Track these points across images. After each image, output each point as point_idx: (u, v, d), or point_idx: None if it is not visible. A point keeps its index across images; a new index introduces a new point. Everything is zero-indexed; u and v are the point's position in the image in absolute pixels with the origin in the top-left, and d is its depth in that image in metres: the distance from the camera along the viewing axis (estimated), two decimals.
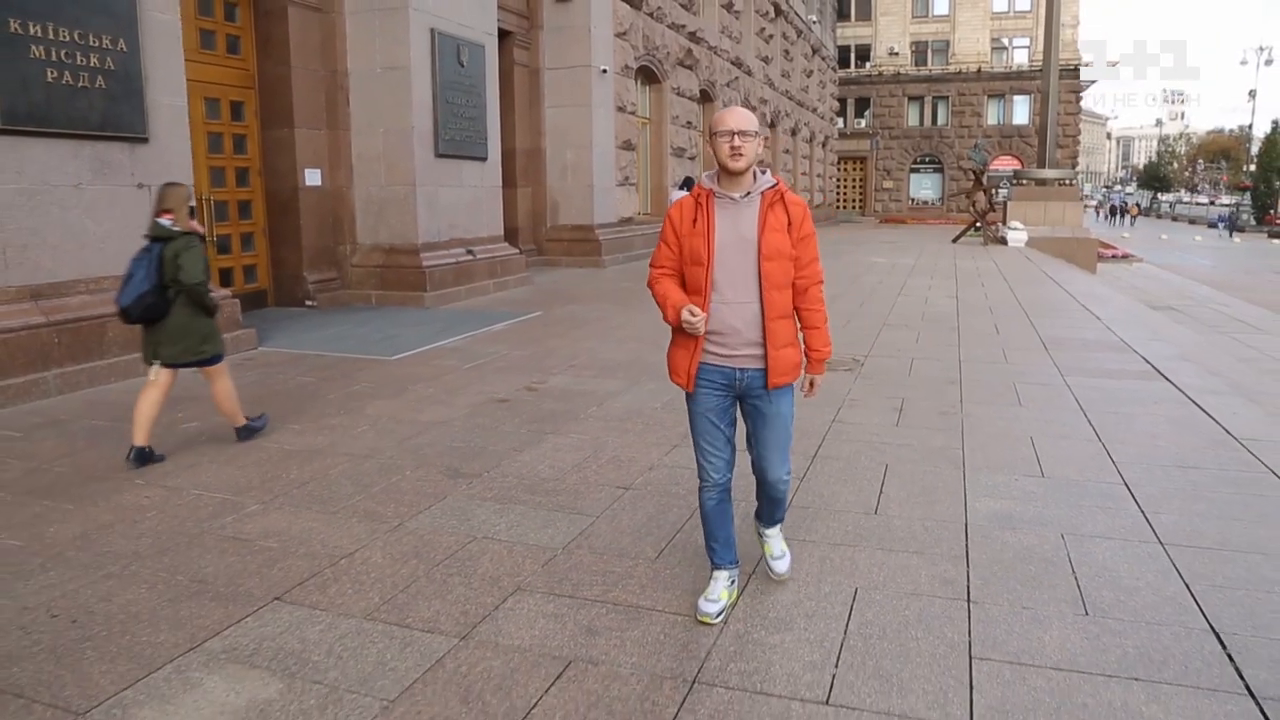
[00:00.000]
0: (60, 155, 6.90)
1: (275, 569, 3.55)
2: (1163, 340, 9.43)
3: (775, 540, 3.40)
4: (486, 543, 3.80)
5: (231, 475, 4.73)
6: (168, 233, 4.93)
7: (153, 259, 4.87)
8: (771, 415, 3.05)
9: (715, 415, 3.05)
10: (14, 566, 3.60)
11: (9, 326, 6.48)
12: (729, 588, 3.18)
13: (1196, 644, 2.93)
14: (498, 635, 3.01)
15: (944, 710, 2.56)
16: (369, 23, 11.22)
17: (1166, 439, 5.40)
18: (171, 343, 4.99)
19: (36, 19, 6.57)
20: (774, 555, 3.39)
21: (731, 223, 2.93)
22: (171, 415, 5.99)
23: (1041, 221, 26.05)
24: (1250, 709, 2.56)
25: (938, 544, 3.76)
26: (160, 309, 4.91)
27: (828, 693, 2.65)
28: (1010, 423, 5.78)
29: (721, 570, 3.18)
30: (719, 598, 3.12)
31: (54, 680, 2.76)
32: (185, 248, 4.88)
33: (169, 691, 2.69)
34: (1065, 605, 3.20)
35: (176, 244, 4.89)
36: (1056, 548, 3.71)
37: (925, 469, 4.78)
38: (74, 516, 4.15)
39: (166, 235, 4.92)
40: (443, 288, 11.68)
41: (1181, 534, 3.86)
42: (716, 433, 3.07)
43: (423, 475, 4.71)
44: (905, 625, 3.06)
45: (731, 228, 2.92)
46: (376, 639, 2.99)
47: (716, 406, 3.04)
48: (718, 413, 3.05)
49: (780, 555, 3.39)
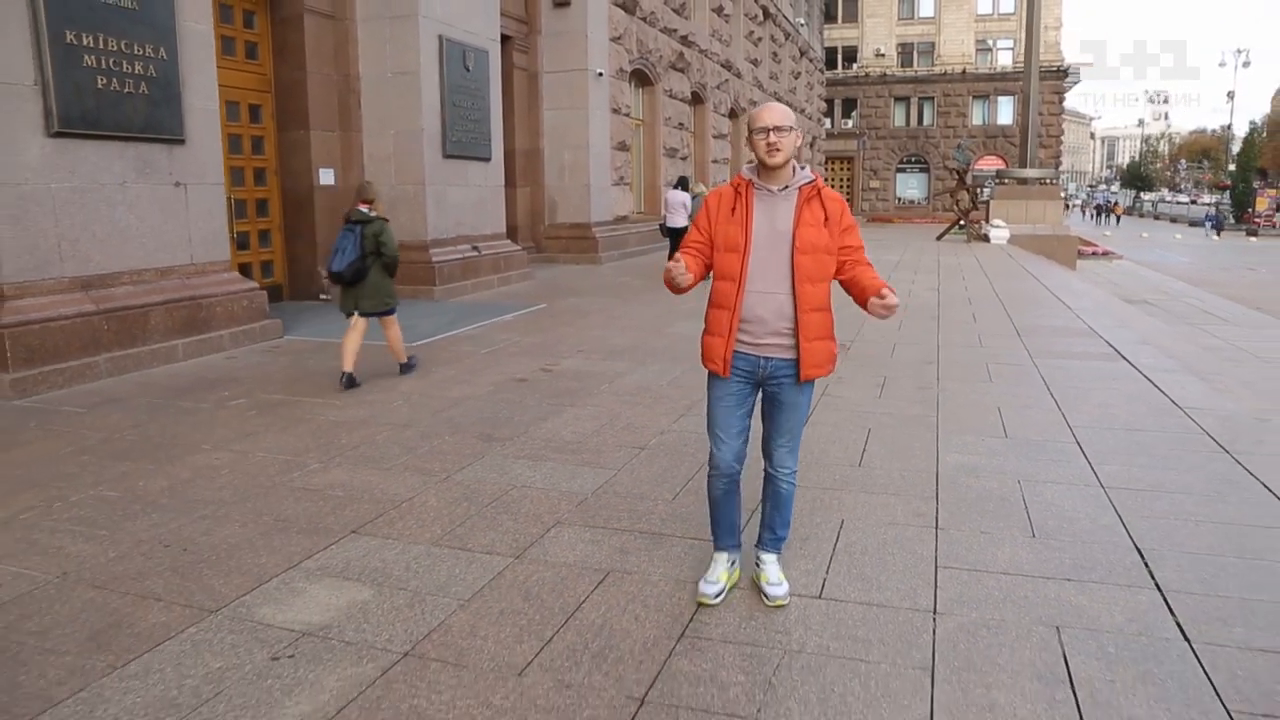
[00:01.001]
0: (108, 156, 7.46)
1: (346, 510, 4.15)
2: (1128, 328, 10.10)
3: (772, 567, 3.23)
4: (525, 490, 4.41)
5: (289, 441, 5.32)
6: (366, 217, 6.70)
7: (356, 237, 6.66)
8: (789, 404, 3.09)
9: (734, 401, 3.09)
10: (118, 511, 4.19)
11: (64, 314, 7.04)
12: (729, 569, 3.22)
13: (1121, 556, 3.56)
14: (545, 555, 3.62)
15: (913, 600, 3.18)
16: (380, 29, 11.80)
17: (1119, 408, 6.06)
18: (368, 298, 6.83)
19: (89, 30, 7.13)
20: (770, 582, 3.19)
21: (768, 215, 2.98)
22: (219, 394, 6.57)
23: (1023, 220, 26.81)
24: (1156, 599, 3.19)
25: (912, 488, 4.39)
26: (362, 273, 6.72)
27: (820, 589, 3.27)
28: (981, 396, 6.42)
29: (722, 552, 3.24)
30: (718, 579, 3.17)
31: (182, 589, 3.35)
32: (382, 229, 6.72)
33: (280, 596, 3.29)
34: (1017, 531, 3.83)
35: (374, 226, 6.69)
36: (1013, 490, 4.35)
37: (903, 432, 5.41)
38: (157, 474, 4.73)
39: (365, 219, 6.69)
40: (451, 282, 12.27)
41: (1121, 480, 4.50)
42: (733, 419, 3.10)
43: (459, 440, 5.31)
44: (883, 545, 3.68)
45: (767, 220, 2.98)
46: (445, 559, 3.60)
47: (737, 393, 3.08)
48: (738, 399, 3.09)
49: (777, 583, 3.19)
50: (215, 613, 3.16)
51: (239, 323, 8.59)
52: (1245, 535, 3.78)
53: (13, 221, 6.74)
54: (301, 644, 2.93)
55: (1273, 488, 4.38)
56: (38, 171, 6.90)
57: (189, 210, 8.24)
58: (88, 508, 4.23)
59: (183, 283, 8.16)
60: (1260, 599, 3.19)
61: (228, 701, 2.61)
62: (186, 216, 8.22)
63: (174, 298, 7.96)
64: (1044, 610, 3.11)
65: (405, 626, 3.04)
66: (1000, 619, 3.06)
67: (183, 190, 8.16)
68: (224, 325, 8.42)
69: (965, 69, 53.17)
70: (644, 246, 19.63)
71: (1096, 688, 2.64)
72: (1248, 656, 2.80)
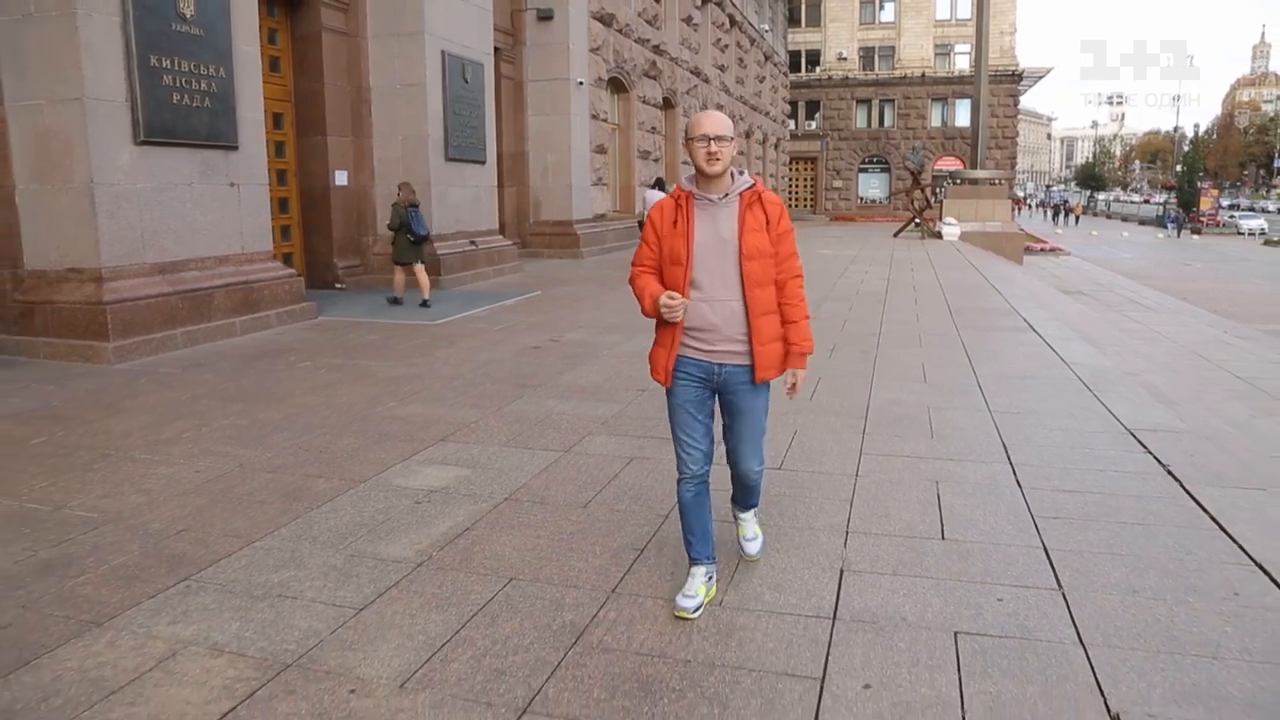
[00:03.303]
0: (179, 161, 8.78)
1: (430, 429, 5.56)
2: (1046, 310, 11.74)
3: (749, 523, 3.50)
4: (560, 415, 5.86)
5: (363, 390, 6.71)
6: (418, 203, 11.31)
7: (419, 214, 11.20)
8: (747, 409, 3.15)
9: (693, 407, 3.14)
10: (254, 432, 5.56)
11: (149, 294, 8.35)
12: (706, 584, 3.21)
13: (990, 447, 5.10)
14: (586, 449, 5.08)
15: (843, 470, 4.68)
16: (389, 46, 13.15)
17: (1018, 364, 7.63)
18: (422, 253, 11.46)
19: (167, 54, 8.45)
20: (746, 537, 3.51)
21: (711, 223, 3.02)
22: (286, 359, 7.94)
23: (974, 218, 28.62)
24: (1007, 469, 4.72)
25: (849, 412, 5.90)
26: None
27: (780, 464, 4.75)
28: (911, 357, 7.96)
29: (699, 566, 3.22)
30: (696, 593, 3.15)
31: (334, 472, 4.75)
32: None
33: (406, 474, 4.70)
34: (920, 435, 5.35)
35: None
36: (922, 413, 5.88)
37: (847, 380, 6.93)
38: (271, 410, 6.11)
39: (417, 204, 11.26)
40: (452, 273, 13.63)
41: (1004, 407, 6.05)
42: (695, 424, 3.15)
43: (499, 387, 6.74)
44: (824, 443, 5.18)
45: (711, 228, 3.02)
46: (514, 454, 5.03)
47: (695, 398, 3.13)
48: (696, 404, 3.14)
49: (753, 538, 3.50)
50: (364, 483, 4.57)
51: (282, 304, 9.92)
52: (1080, 436, 5.33)
53: (110, 216, 8.04)
54: (432, 496, 4.36)
55: (1113, 409, 5.95)
56: (127, 174, 8.21)
57: (241, 207, 9.56)
58: (229, 430, 5.60)
59: (236, 269, 9.49)
60: (1074, 467, 4.72)
61: (397, 521, 4.04)
62: (239, 212, 9.54)
63: (231, 282, 9.28)
64: (930, 474, 4.62)
65: (500, 486, 4.48)
66: (900, 478, 4.56)
67: (236, 190, 9.48)
68: (270, 306, 9.75)
69: (925, 73, 55.13)
70: (620, 242, 21.07)
71: (955, 507, 4.15)
72: (1055, 495, 4.32)
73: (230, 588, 3.37)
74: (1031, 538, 3.79)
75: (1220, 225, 61.54)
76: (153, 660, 2.86)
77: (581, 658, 2.86)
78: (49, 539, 3.86)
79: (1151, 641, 2.92)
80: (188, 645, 2.95)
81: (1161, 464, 4.78)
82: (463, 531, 3.91)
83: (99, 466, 4.88)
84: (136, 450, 5.18)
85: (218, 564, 3.59)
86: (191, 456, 5.05)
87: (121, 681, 2.73)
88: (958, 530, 3.88)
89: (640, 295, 3.11)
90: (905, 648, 2.90)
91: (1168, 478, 4.57)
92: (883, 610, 3.16)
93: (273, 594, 3.31)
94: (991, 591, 3.29)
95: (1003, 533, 3.85)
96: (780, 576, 3.43)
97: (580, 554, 3.67)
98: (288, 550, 3.72)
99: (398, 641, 2.96)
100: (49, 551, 3.73)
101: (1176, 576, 3.40)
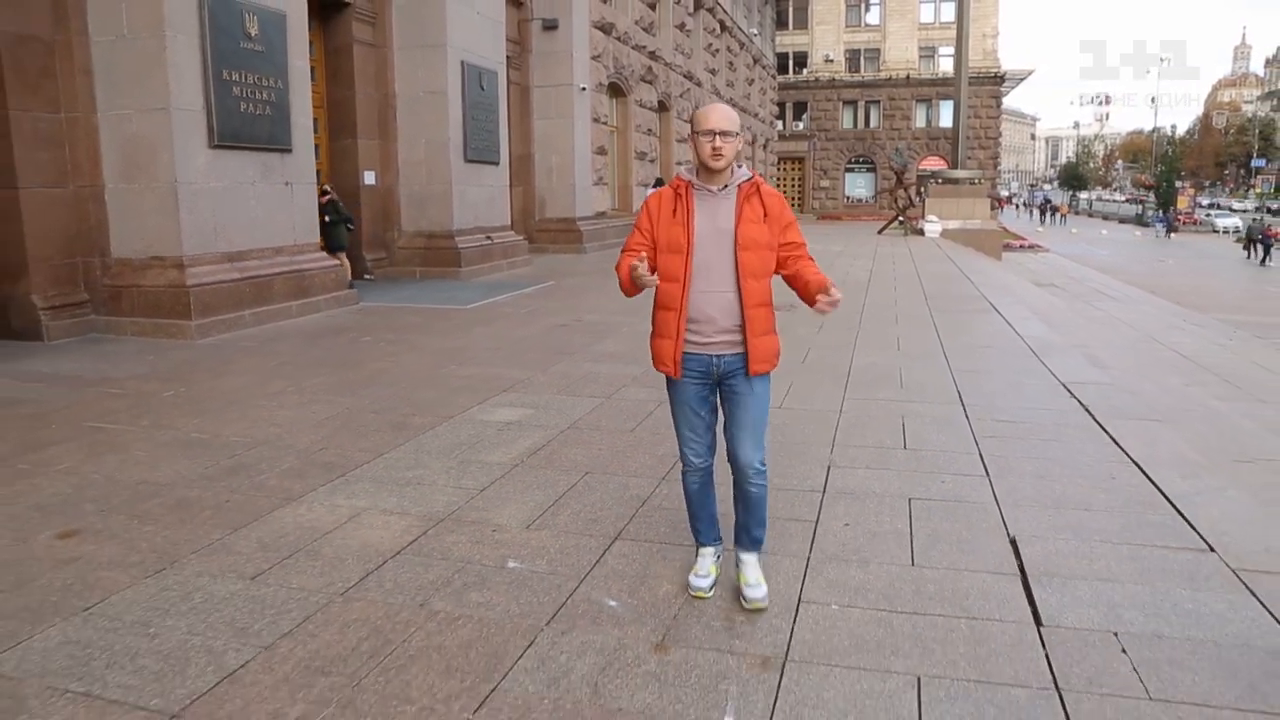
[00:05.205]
0: (245, 162, 9.94)
1: (491, 384, 6.76)
2: (1012, 296, 13.04)
3: (751, 567, 3.26)
4: (598, 374, 7.08)
5: (423, 358, 7.90)
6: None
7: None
8: (746, 397, 3.14)
9: (695, 402, 3.17)
10: (345, 389, 6.74)
11: (222, 279, 9.52)
12: (715, 562, 3.33)
13: (948, 392, 6.36)
14: (623, 397, 6.30)
15: (828, 408, 5.92)
16: (414, 56, 14.32)
17: (980, 337, 8.90)
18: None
19: (236, 68, 9.61)
20: (748, 583, 3.22)
21: (709, 214, 3.05)
22: (347, 336, 9.12)
23: (955, 216, 29.98)
24: (959, 408, 5.97)
25: (833, 373, 7.15)
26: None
27: (780, 404, 5.98)
28: (888, 332, 9.22)
29: (707, 547, 3.35)
30: (708, 572, 3.30)
31: (425, 412, 5.94)
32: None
33: (483, 413, 5.91)
34: (892, 386, 6.60)
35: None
36: (895, 372, 7.13)
37: (831, 350, 8.17)
38: (351, 372, 7.29)
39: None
40: (471, 265, 14.82)
41: (962, 367, 7.31)
42: (697, 419, 3.20)
43: (540, 354, 7.95)
44: (812, 394, 6.42)
45: (709, 219, 3.04)
46: (565, 400, 6.25)
47: (696, 394, 3.16)
48: (697, 400, 3.17)
49: (755, 584, 3.21)
50: (452, 419, 5.78)
51: (329, 291, 11.09)
52: (1022, 388, 6.60)
53: (189, 211, 9.21)
54: (510, 427, 5.57)
55: (1054, 370, 7.22)
56: (203, 174, 9.37)
57: (293, 203, 10.73)
58: (323, 387, 6.79)
59: (290, 259, 10.65)
60: (1011, 406, 5.98)
61: (489, 441, 5.25)
62: (292, 208, 10.71)
63: (286, 270, 10.45)
64: (898, 411, 5.87)
65: (562, 419, 5.71)
66: (874, 414, 5.81)
67: (290, 188, 10.65)
68: (320, 292, 10.92)
69: (909, 74, 56.42)
70: (620, 239, 22.25)
71: (916, 431, 5.39)
72: (994, 423, 5.57)
73: (379, 480, 4.57)
74: (971, 447, 5.04)
75: (1197, 223, 63.35)
76: (345, 517, 4.06)
77: (648, 514, 4.09)
78: (223, 455, 5.05)
79: (1045, 502, 4.18)
80: (365, 510, 4.15)
81: (1082, 404, 6.05)
82: (541, 446, 5.13)
83: (231, 411, 6.06)
84: (254, 400, 6.37)
85: (361, 468, 4.79)
86: (302, 404, 6.24)
87: (328, 529, 3.93)
88: (916, 444, 5.13)
89: (618, 272, 3.14)
90: (874, 506, 4.14)
91: (1085, 413, 5.84)
92: (859, 487, 4.40)
93: (413, 483, 4.52)
94: (937, 477, 4.54)
95: (950, 445, 5.10)
96: (784, 469, 4.66)
97: (634, 458, 4.90)
98: (412, 458, 4.92)
99: (516, 505, 4.18)
100: (228, 461, 4.92)
101: (1072, 468, 4.66)
